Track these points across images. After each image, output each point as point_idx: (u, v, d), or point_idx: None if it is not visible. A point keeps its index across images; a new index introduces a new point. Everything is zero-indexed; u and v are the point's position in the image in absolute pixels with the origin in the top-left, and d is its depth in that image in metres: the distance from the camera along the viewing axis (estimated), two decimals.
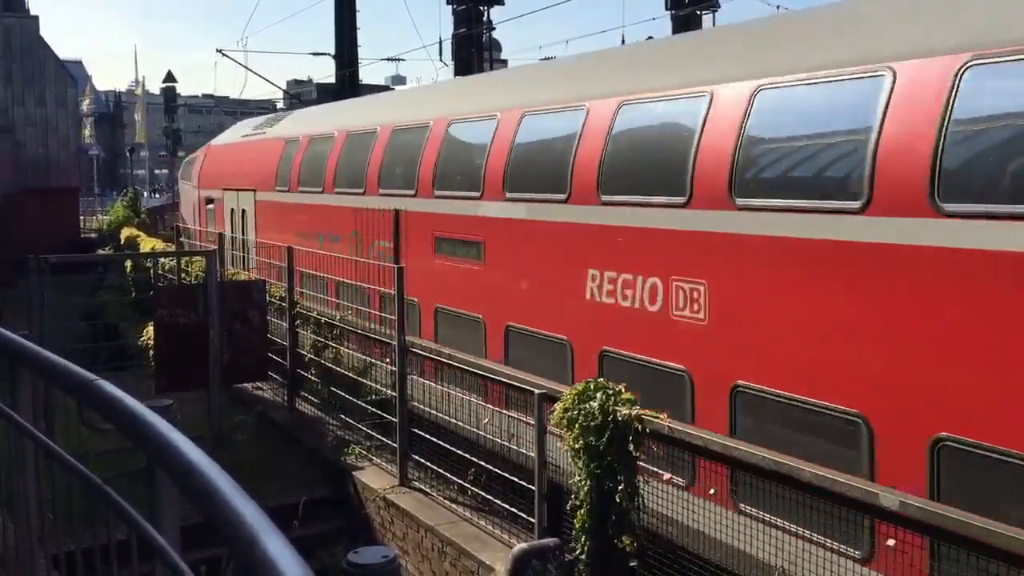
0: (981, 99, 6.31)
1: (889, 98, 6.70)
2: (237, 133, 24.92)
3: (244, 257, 17.92)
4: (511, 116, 11.28)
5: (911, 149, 6.45)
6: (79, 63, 77.31)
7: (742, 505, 7.11)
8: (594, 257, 9.50)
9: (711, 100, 8.34)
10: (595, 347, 9.43)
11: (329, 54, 35.63)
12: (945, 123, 6.26)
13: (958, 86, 6.25)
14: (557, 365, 9.81)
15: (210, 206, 23.97)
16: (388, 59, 61.39)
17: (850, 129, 7.25)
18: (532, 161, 10.92)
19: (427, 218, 12.61)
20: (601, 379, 7.57)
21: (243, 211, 20.73)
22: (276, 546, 1.52)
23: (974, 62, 6.23)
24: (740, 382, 7.77)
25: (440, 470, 10.05)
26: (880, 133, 6.68)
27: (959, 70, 6.28)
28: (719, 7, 29.23)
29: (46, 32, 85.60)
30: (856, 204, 6.78)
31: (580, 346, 9.71)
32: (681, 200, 8.40)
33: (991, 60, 6.14)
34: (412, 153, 13.21)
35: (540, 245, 10.45)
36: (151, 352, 13.84)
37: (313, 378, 13.31)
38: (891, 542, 5.73)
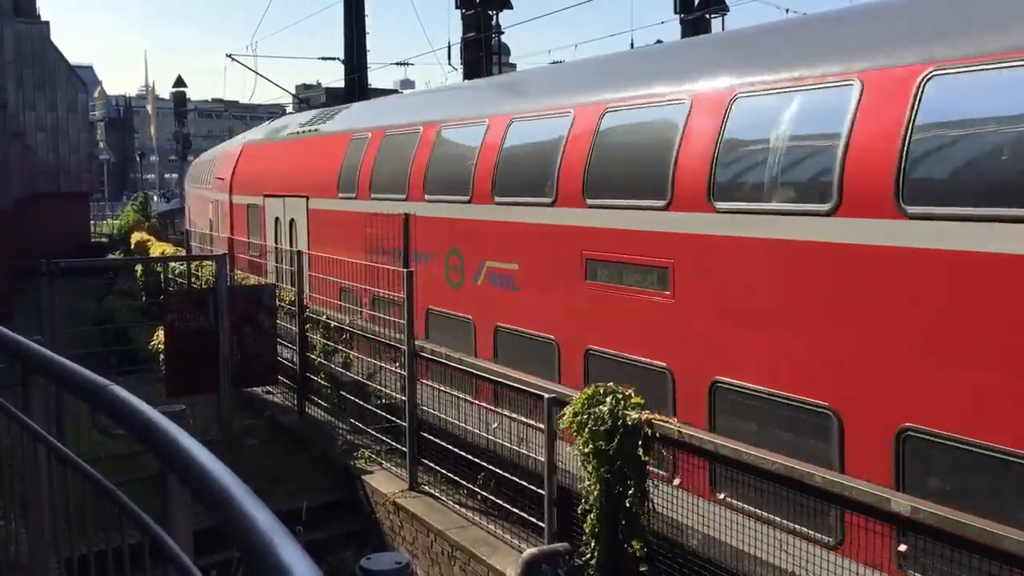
0: None
1: None
2: None
3: None
4: None
5: None
6: (89, 68, 77.49)
7: (752, 507, 7.08)
8: None
9: None
10: None
11: (338, 58, 35.71)
12: None
13: None
14: None
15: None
16: (397, 63, 61.41)
17: None
18: None
19: None
20: (611, 383, 7.54)
21: None
22: (291, 553, 1.52)
23: None
24: None
25: (450, 474, 10.05)
26: None
27: None
28: (728, 11, 29.13)
29: (56, 37, 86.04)
30: None
31: None
32: None
33: None
34: None
35: None
36: (161, 356, 13.88)
37: (323, 382, 13.32)
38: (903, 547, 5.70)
